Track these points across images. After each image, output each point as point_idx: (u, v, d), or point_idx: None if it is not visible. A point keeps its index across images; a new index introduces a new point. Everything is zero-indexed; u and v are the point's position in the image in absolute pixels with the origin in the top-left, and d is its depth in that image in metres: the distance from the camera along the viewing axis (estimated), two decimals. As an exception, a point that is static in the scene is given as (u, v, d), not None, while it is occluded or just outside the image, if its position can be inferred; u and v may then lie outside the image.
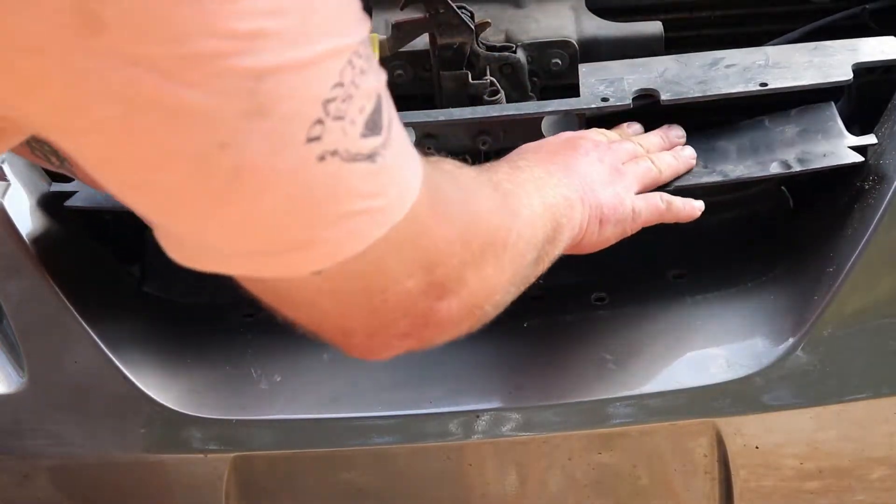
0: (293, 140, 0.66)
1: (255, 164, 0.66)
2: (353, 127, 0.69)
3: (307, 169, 0.67)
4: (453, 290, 0.81)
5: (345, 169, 0.69)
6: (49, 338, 1.23)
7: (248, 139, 0.65)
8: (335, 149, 0.68)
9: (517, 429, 1.20)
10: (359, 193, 0.70)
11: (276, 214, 0.68)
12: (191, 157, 0.65)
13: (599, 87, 1.28)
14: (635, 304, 1.28)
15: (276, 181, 0.67)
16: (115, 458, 1.23)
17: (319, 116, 0.67)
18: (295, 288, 0.74)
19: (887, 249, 1.19)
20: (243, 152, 0.65)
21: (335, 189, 0.69)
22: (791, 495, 1.26)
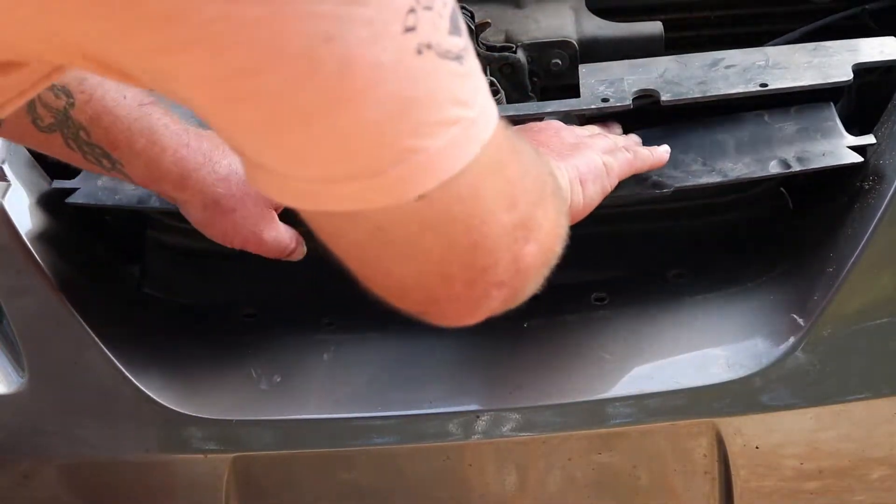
0: (392, 28, 0.64)
1: (360, 57, 0.63)
2: (442, 21, 0.67)
3: (408, 61, 0.65)
4: (534, 232, 0.78)
5: (441, 66, 0.66)
6: (49, 338, 1.23)
7: (350, 28, 0.63)
8: (429, 41, 0.66)
9: (517, 429, 1.20)
10: (454, 97, 0.68)
11: (384, 118, 0.65)
12: (298, 54, 0.62)
13: (599, 87, 1.28)
14: (635, 305, 1.28)
15: (382, 75, 0.64)
16: (115, 458, 1.23)
17: (412, 5, 0.65)
18: (399, 222, 0.70)
19: (887, 249, 1.19)
20: (348, 43, 0.63)
21: (435, 87, 0.67)
22: (791, 495, 1.26)
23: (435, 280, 0.76)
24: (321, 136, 0.65)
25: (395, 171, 0.67)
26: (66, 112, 1.12)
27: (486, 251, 0.75)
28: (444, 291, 0.77)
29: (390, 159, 0.66)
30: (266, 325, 1.30)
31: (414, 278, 0.76)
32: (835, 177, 1.26)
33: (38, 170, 1.32)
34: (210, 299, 1.34)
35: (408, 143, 0.66)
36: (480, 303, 0.78)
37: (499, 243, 0.75)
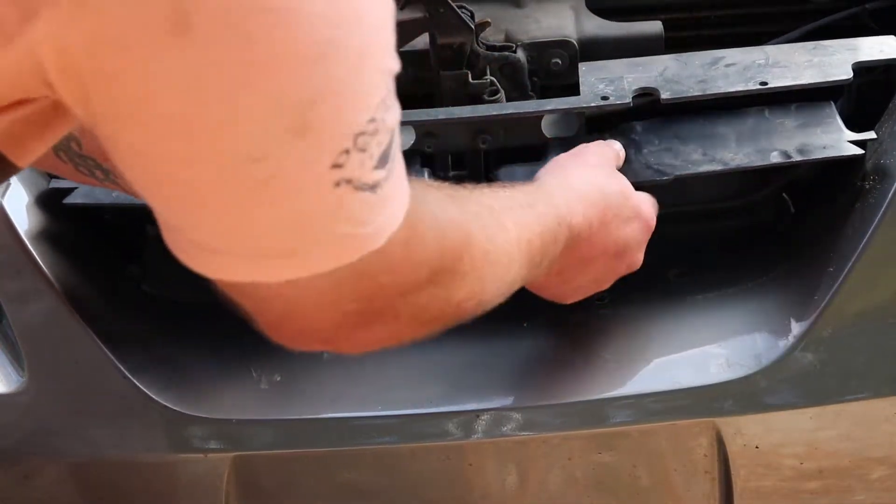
0: (321, 163, 0.69)
1: (283, 177, 0.69)
2: (370, 160, 0.72)
3: (323, 191, 0.71)
4: (384, 321, 0.85)
5: (351, 196, 0.72)
6: (49, 338, 1.23)
7: (286, 154, 0.68)
8: (350, 178, 0.71)
9: (517, 428, 1.20)
10: (354, 219, 0.74)
11: (281, 224, 0.72)
12: (229, 162, 0.68)
13: (599, 86, 1.28)
14: (635, 304, 1.28)
15: (295, 196, 0.70)
16: (115, 458, 1.23)
17: (348, 147, 0.70)
18: (263, 290, 0.77)
19: (888, 249, 1.19)
20: (278, 165, 0.68)
21: (337, 212, 0.72)
22: (791, 495, 1.26)
23: (272, 325, 0.85)
24: (224, 226, 0.72)
25: (275, 261, 0.74)
26: None
27: (318, 323, 0.83)
28: (274, 332, 0.85)
29: (274, 252, 0.74)
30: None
31: (262, 319, 0.84)
32: (836, 176, 1.26)
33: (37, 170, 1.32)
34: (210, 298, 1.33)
35: (293, 245, 0.73)
36: (302, 346, 0.87)
37: (334, 324, 0.82)
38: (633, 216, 1.16)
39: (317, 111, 0.68)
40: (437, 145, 1.28)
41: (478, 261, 0.91)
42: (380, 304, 0.83)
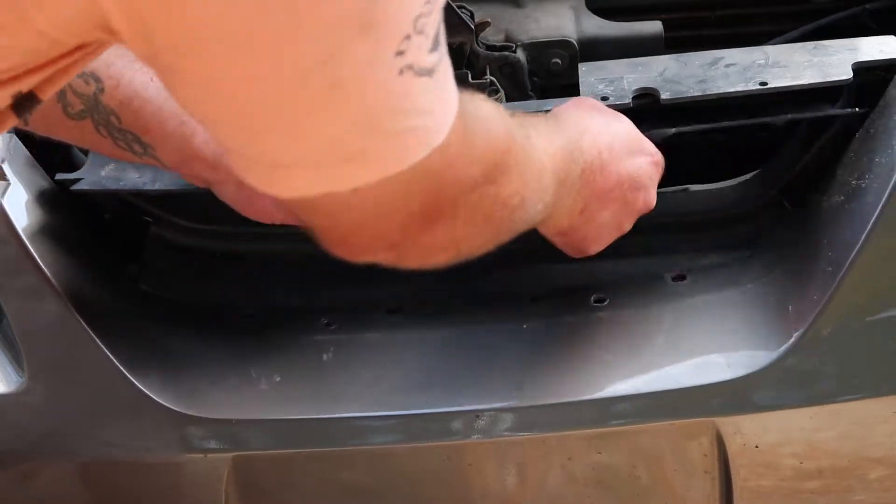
0: (386, 55, 0.69)
1: (350, 79, 0.69)
2: (427, 41, 0.71)
3: (389, 82, 0.70)
4: (445, 222, 0.86)
5: (414, 83, 0.72)
6: (49, 338, 1.23)
7: (350, 54, 0.68)
8: (411, 63, 0.71)
9: (517, 428, 1.20)
10: (417, 109, 0.73)
11: (350, 124, 0.71)
12: (296, 68, 0.67)
13: (599, 86, 1.28)
14: (635, 305, 1.28)
15: (363, 94, 0.70)
16: (115, 458, 1.23)
17: (409, 32, 0.69)
18: (333, 202, 0.77)
19: (885, 248, 1.19)
20: (342, 67, 0.68)
21: (403, 103, 0.72)
22: (791, 495, 1.26)
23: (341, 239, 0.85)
24: (293, 138, 0.72)
25: (341, 167, 0.74)
26: (96, 98, 1.12)
27: (387, 231, 0.84)
28: (344, 243, 0.86)
29: (341, 156, 0.73)
30: (266, 324, 1.30)
31: (328, 231, 0.84)
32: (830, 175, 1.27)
33: (37, 169, 1.32)
34: (210, 299, 1.34)
35: (362, 144, 0.73)
36: (365, 255, 0.89)
37: (400, 228, 0.84)
38: (639, 150, 1.17)
39: (380, 3, 0.67)
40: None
41: (520, 156, 0.92)
42: (442, 203, 0.83)
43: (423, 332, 1.28)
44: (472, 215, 0.89)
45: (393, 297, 1.33)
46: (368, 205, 0.78)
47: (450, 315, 1.30)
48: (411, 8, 0.69)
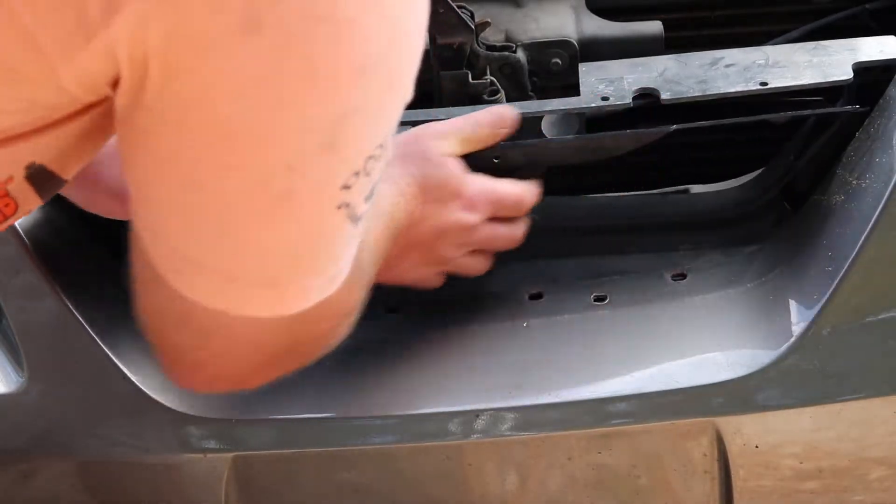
0: (336, 182, 0.71)
1: (302, 194, 0.70)
2: (367, 188, 0.73)
3: (328, 213, 0.72)
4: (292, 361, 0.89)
5: (344, 225, 0.73)
6: (49, 338, 1.23)
7: (311, 167, 0.69)
8: (349, 202, 0.72)
9: (517, 428, 1.20)
10: (333, 254, 0.76)
11: (283, 246, 0.73)
12: (257, 171, 0.69)
13: (599, 86, 1.28)
14: (635, 304, 1.28)
15: (307, 215, 0.71)
16: (115, 458, 1.23)
17: (359, 169, 0.71)
18: (218, 321, 0.77)
19: (885, 248, 1.19)
20: (301, 179, 0.69)
21: (328, 241, 0.74)
22: (790, 495, 1.26)
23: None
24: (235, 245, 0.73)
25: (259, 291, 0.75)
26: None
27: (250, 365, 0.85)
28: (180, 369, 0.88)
29: (268, 279, 0.74)
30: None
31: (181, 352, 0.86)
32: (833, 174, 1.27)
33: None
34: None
35: (287, 274, 0.75)
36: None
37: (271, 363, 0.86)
38: (453, 196, 1.18)
39: (347, 126, 0.68)
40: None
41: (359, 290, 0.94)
42: (302, 348, 0.85)
43: (422, 331, 1.28)
44: (315, 353, 0.91)
45: (392, 296, 1.33)
46: (246, 337, 0.78)
47: (449, 314, 1.30)
48: (368, 144, 0.70)
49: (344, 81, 0.67)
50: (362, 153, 0.70)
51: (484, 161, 1.24)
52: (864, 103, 1.30)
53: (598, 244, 1.39)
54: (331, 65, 0.66)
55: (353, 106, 0.68)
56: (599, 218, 1.42)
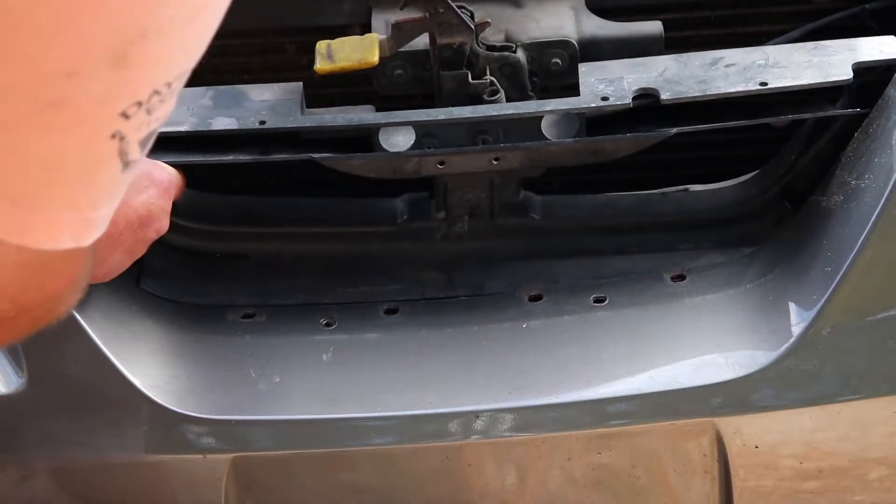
0: (116, 105, 0.66)
1: (79, 105, 0.65)
2: (145, 129, 0.69)
3: (102, 137, 0.67)
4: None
5: (111, 159, 0.69)
6: (49, 338, 1.23)
7: (93, 80, 0.65)
8: (125, 136, 0.68)
9: (516, 429, 1.20)
10: (99, 194, 0.71)
11: (44, 161, 0.67)
12: (34, 70, 0.64)
13: (599, 86, 1.28)
14: (635, 305, 1.28)
15: (80, 131, 0.67)
16: (115, 459, 1.23)
17: (142, 99, 0.67)
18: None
19: (884, 248, 1.19)
20: (80, 90, 0.65)
21: (97, 175, 0.69)
22: (790, 495, 1.26)
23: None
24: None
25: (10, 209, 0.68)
26: None
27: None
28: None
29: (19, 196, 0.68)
30: (265, 325, 1.30)
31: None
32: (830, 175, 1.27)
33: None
34: (209, 299, 1.34)
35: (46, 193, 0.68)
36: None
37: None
38: (147, 185, 1.15)
39: (143, 46, 0.64)
40: (436, 146, 1.28)
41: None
42: (27, 307, 0.78)
43: (421, 332, 1.28)
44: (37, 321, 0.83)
45: (391, 298, 1.33)
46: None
47: (448, 315, 1.30)
48: (159, 74, 0.67)
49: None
50: (150, 83, 0.66)
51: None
52: (864, 103, 1.29)
53: (597, 244, 1.39)
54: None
55: (155, 27, 0.64)
56: (599, 217, 1.41)
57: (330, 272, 1.38)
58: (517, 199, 1.40)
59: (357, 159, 1.27)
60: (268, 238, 1.41)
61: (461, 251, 1.40)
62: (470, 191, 1.36)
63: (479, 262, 1.38)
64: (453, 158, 1.28)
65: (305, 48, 1.38)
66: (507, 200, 1.38)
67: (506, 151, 1.26)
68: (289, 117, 1.26)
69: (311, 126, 1.27)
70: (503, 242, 1.40)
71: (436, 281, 1.37)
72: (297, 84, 1.30)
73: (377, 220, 1.41)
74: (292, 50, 1.48)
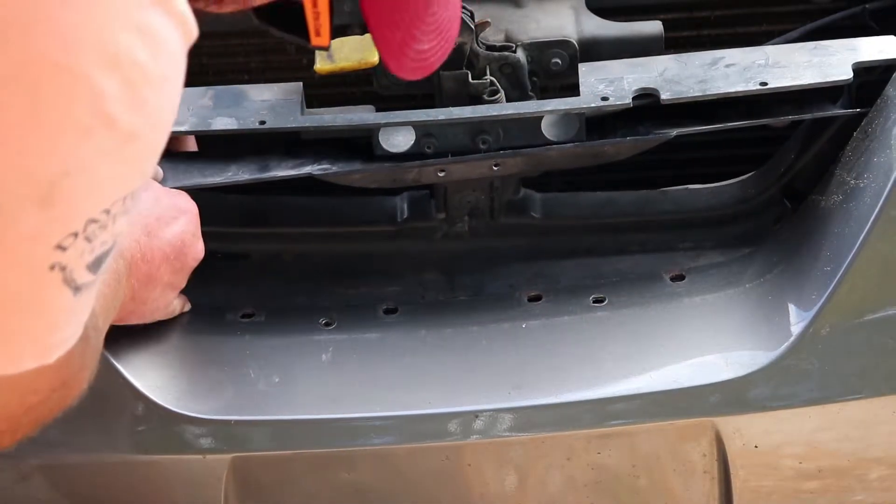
0: (49, 240, 0.67)
1: (11, 243, 0.65)
2: (89, 255, 0.69)
3: (40, 271, 0.68)
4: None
5: (55, 288, 0.69)
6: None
7: (21, 220, 0.65)
8: (65, 265, 0.68)
9: (516, 429, 1.20)
10: (55, 322, 0.71)
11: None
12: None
13: (599, 86, 1.28)
14: (634, 305, 1.28)
15: (17, 268, 0.67)
16: (114, 459, 1.23)
17: (77, 230, 0.67)
18: None
19: (883, 248, 1.18)
20: (11, 229, 0.65)
21: (46, 306, 0.70)
22: (790, 495, 1.26)
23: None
24: None
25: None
26: None
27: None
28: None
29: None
30: (264, 325, 1.30)
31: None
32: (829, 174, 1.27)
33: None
34: (209, 299, 1.34)
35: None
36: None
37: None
38: (175, 215, 1.16)
39: (66, 184, 0.64)
40: (436, 146, 1.28)
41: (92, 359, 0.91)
42: (12, 418, 0.82)
43: (421, 332, 1.28)
44: (36, 422, 0.88)
45: (391, 297, 1.33)
46: None
47: (448, 315, 1.30)
48: (90, 207, 0.67)
49: (65, 138, 0.63)
50: (82, 214, 0.67)
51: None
52: (864, 103, 1.29)
53: (597, 243, 1.39)
54: (58, 118, 0.62)
55: (77, 165, 0.64)
56: (599, 215, 1.41)
57: (330, 272, 1.38)
58: (517, 197, 1.40)
59: (357, 172, 1.27)
60: (267, 238, 1.41)
61: (461, 250, 1.40)
62: (470, 193, 1.36)
63: (479, 261, 1.38)
64: (453, 167, 1.28)
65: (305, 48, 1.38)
66: (506, 199, 1.39)
67: (506, 158, 1.26)
68: (289, 117, 1.26)
69: (311, 126, 1.27)
70: (503, 241, 1.40)
71: (436, 281, 1.37)
72: (297, 84, 1.30)
73: (377, 220, 1.41)
74: (292, 50, 1.48)
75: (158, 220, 1.13)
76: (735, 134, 1.39)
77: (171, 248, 1.15)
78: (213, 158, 1.29)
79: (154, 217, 1.13)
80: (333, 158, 1.29)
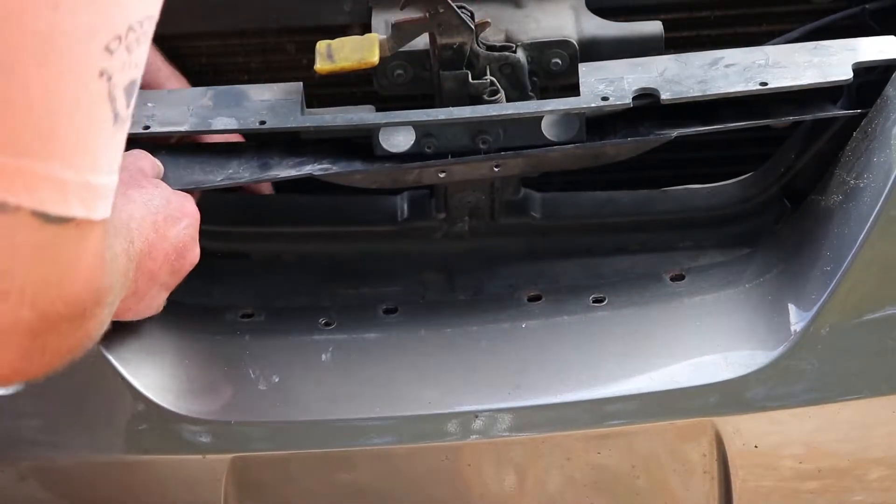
0: (100, 38, 0.66)
1: (66, 36, 0.64)
2: (128, 73, 0.68)
3: (90, 74, 0.66)
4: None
5: (105, 107, 0.68)
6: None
7: (76, 12, 0.64)
8: (111, 75, 0.67)
9: (515, 429, 1.20)
10: (98, 152, 0.69)
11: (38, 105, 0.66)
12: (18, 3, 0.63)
13: (599, 86, 1.28)
14: (634, 305, 1.28)
15: (69, 65, 0.66)
16: (114, 459, 1.23)
17: (120, 34, 0.67)
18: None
19: (883, 248, 1.19)
20: (67, 19, 0.64)
21: (89, 121, 0.68)
22: (790, 495, 1.26)
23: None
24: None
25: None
26: None
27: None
28: None
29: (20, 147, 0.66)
30: (264, 325, 1.31)
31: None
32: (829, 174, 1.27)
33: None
34: (208, 299, 1.34)
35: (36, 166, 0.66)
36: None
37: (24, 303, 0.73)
38: (179, 216, 1.16)
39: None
40: (436, 146, 1.28)
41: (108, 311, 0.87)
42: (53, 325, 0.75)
43: (420, 332, 1.28)
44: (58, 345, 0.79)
45: (391, 297, 1.33)
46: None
47: (448, 315, 1.30)
48: (130, 10, 0.67)
49: None
50: (125, 17, 0.67)
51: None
52: (865, 103, 1.29)
53: (597, 243, 1.39)
54: None
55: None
56: (599, 214, 1.42)
57: (330, 272, 1.38)
58: (517, 197, 1.40)
59: (358, 173, 1.27)
60: (267, 238, 1.41)
61: (461, 250, 1.40)
62: (470, 193, 1.36)
63: (478, 261, 1.38)
64: (454, 168, 1.28)
65: (305, 48, 1.38)
66: (506, 199, 1.39)
67: (507, 159, 1.26)
68: (289, 117, 1.26)
69: (311, 126, 1.27)
70: (503, 241, 1.40)
71: (436, 281, 1.37)
72: (297, 84, 1.30)
73: (377, 220, 1.41)
74: (292, 50, 1.48)
75: (166, 219, 1.14)
76: (735, 134, 1.39)
77: (174, 248, 1.15)
78: (213, 155, 1.29)
79: (163, 216, 1.14)
80: (334, 158, 1.29)
